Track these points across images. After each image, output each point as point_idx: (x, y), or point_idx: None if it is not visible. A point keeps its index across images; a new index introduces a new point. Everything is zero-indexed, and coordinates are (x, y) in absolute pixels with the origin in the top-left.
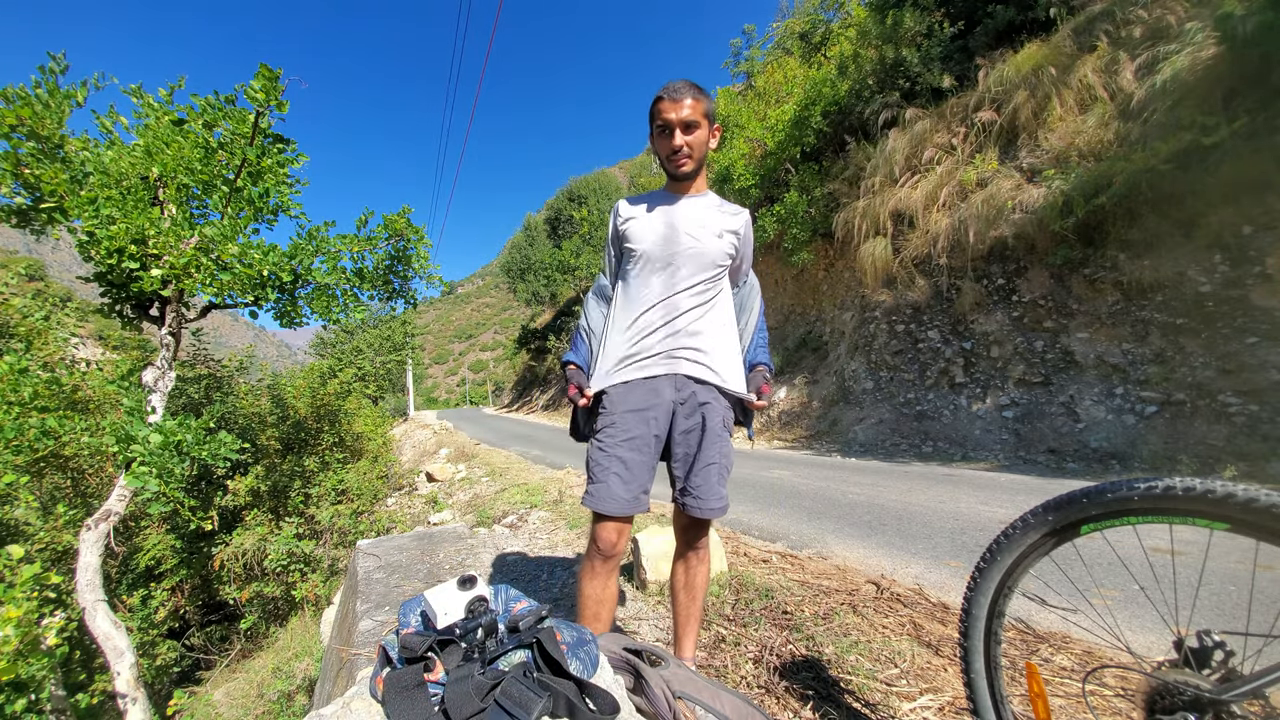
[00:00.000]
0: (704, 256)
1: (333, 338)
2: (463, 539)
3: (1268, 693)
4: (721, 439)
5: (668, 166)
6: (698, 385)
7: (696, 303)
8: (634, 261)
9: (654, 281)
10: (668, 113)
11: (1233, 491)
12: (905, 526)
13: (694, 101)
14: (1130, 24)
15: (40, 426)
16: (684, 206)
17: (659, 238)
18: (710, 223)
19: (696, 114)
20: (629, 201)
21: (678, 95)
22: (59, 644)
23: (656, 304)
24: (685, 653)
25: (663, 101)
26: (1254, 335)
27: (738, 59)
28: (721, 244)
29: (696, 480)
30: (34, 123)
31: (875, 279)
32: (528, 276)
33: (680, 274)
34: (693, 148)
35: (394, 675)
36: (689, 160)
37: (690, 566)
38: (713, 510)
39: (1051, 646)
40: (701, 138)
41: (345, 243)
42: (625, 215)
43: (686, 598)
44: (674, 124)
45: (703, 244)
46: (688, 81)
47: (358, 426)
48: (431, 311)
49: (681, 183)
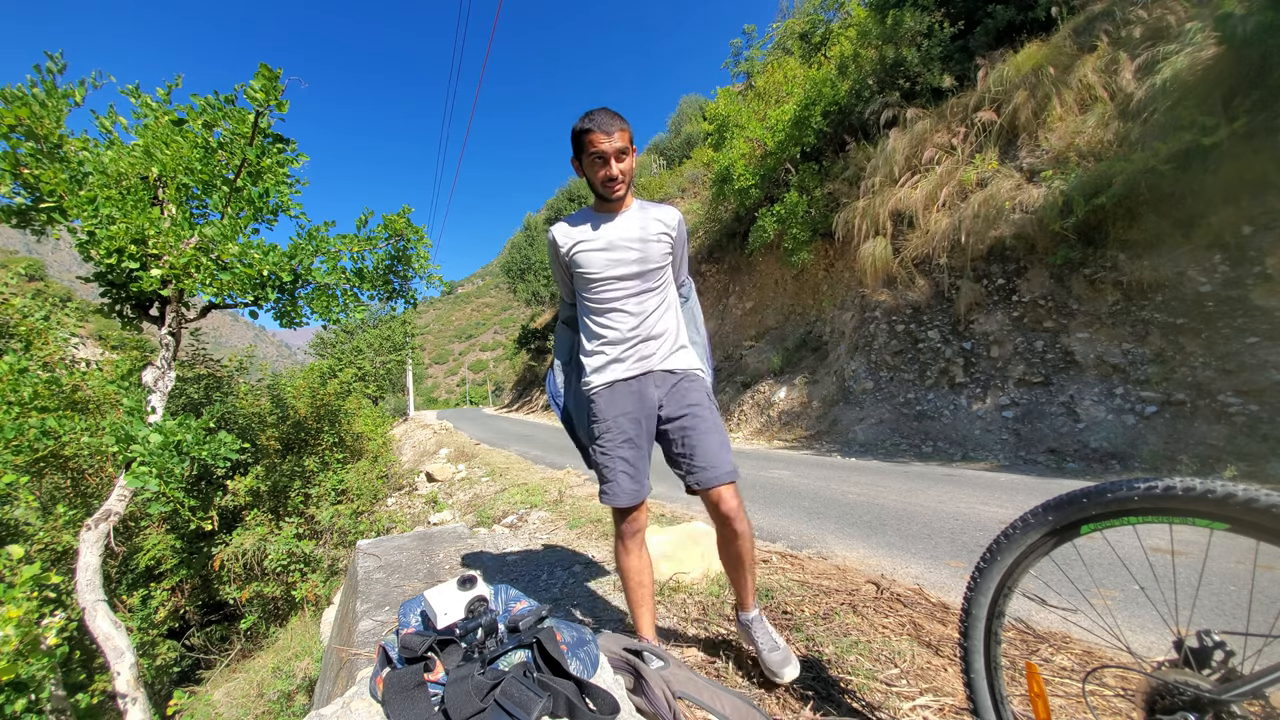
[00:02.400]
0: (648, 261)
1: (333, 338)
2: (463, 539)
3: (1268, 693)
4: (710, 410)
5: (602, 192)
6: (673, 375)
7: (654, 305)
8: (589, 283)
9: (611, 294)
10: (600, 144)
11: (1233, 491)
12: (905, 526)
13: (621, 131)
14: (1130, 24)
15: (40, 426)
16: (621, 223)
17: (607, 259)
18: (646, 229)
19: (624, 141)
20: (566, 228)
21: (608, 127)
22: (59, 644)
23: (619, 312)
24: (746, 603)
25: (594, 133)
26: (1254, 335)
27: (738, 59)
28: (660, 246)
29: (699, 454)
30: (32, 122)
31: (875, 279)
32: (528, 276)
33: (632, 283)
34: (625, 174)
35: (394, 675)
36: (622, 186)
37: (727, 541)
38: (726, 474)
39: (1051, 646)
40: (630, 164)
41: (345, 243)
42: (565, 244)
43: (734, 572)
44: (609, 154)
45: (644, 251)
46: (608, 110)
47: (358, 426)
48: (431, 311)
49: (614, 203)
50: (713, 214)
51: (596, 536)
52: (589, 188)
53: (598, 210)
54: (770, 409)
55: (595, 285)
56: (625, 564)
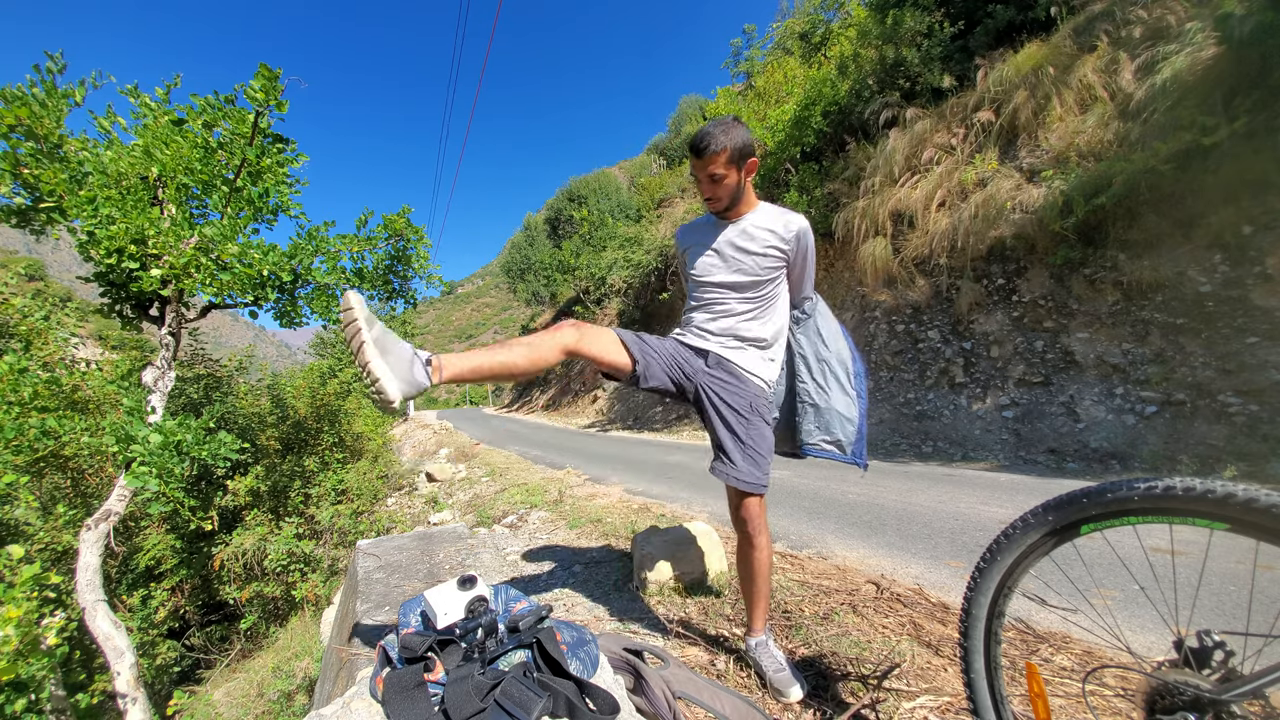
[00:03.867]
0: (747, 272)
1: (333, 338)
2: (463, 539)
3: (1268, 693)
4: (741, 417)
5: (707, 207)
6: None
7: (745, 308)
8: (693, 284)
9: (709, 297)
10: (696, 169)
11: (1233, 491)
12: (905, 526)
13: (718, 154)
14: (1130, 24)
15: (40, 426)
16: (731, 232)
17: (707, 263)
18: (752, 240)
19: (719, 166)
20: (684, 229)
21: (702, 153)
22: (59, 644)
23: (717, 317)
24: (755, 626)
25: (692, 159)
26: (1254, 335)
27: (738, 59)
28: (764, 259)
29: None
30: (32, 122)
31: (875, 279)
32: (528, 276)
33: (728, 292)
34: (721, 195)
35: (394, 675)
36: (719, 202)
37: (741, 550)
38: (738, 479)
39: (1051, 646)
40: (730, 184)
41: (345, 243)
42: (682, 245)
43: (744, 579)
44: (702, 179)
45: (743, 261)
46: (719, 127)
47: (357, 426)
48: (431, 311)
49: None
50: None
51: (596, 536)
52: None
53: (715, 213)
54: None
55: (696, 287)
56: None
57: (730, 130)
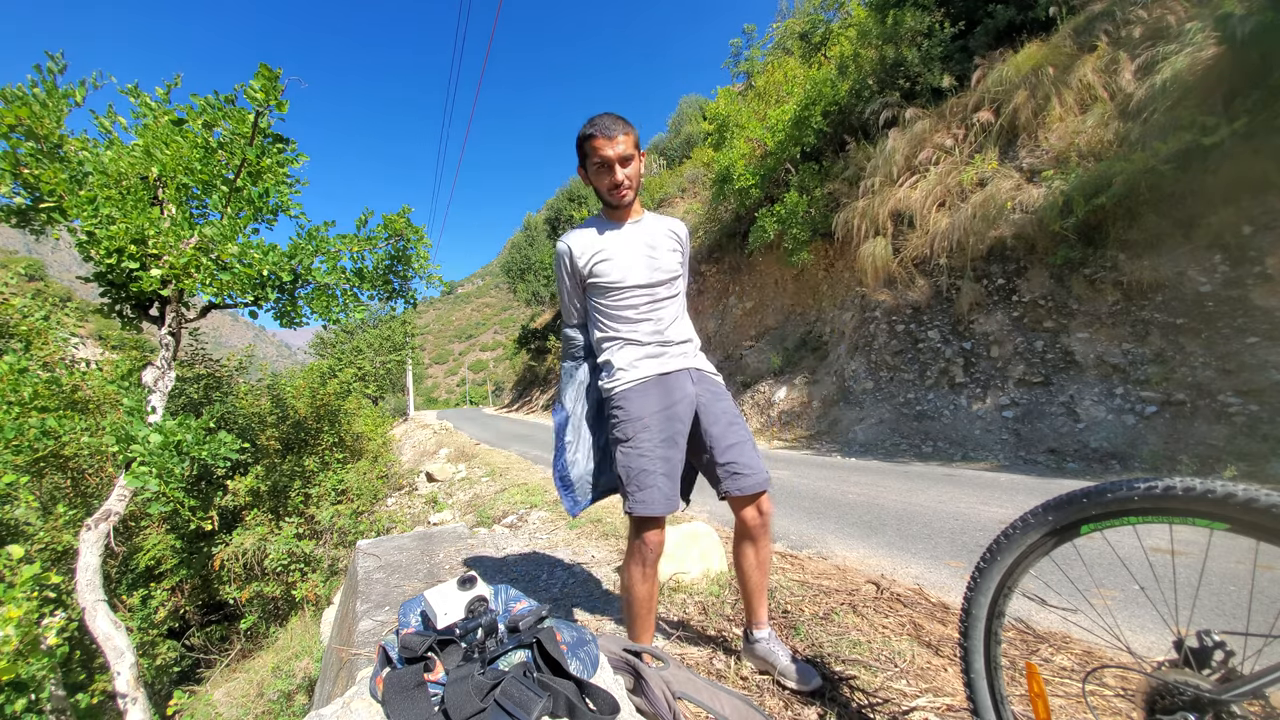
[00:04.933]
0: (664, 270)
1: (333, 338)
2: (463, 539)
3: (1268, 693)
4: (740, 418)
5: (609, 199)
6: (707, 376)
7: (675, 313)
8: (609, 292)
9: (635, 302)
10: (604, 150)
11: (1233, 491)
12: (905, 526)
13: (625, 135)
14: (1130, 24)
15: (40, 426)
16: (635, 232)
17: (627, 266)
18: (660, 238)
19: (629, 147)
20: (579, 238)
21: (610, 132)
22: (59, 644)
23: (644, 320)
24: (763, 619)
25: (596, 139)
26: (1254, 335)
27: (738, 59)
28: (674, 255)
29: (737, 459)
30: (33, 122)
31: (875, 279)
32: (528, 276)
33: (657, 291)
34: (631, 179)
35: (394, 675)
36: (629, 191)
37: (760, 545)
38: (764, 480)
39: (1051, 646)
40: (636, 168)
41: (345, 243)
42: (583, 254)
43: (760, 575)
44: (612, 160)
45: (661, 260)
46: (614, 115)
47: (358, 426)
48: (431, 311)
49: (622, 210)
50: (713, 214)
51: (596, 536)
52: (597, 196)
53: (608, 218)
54: (770, 409)
55: (614, 293)
56: (638, 591)
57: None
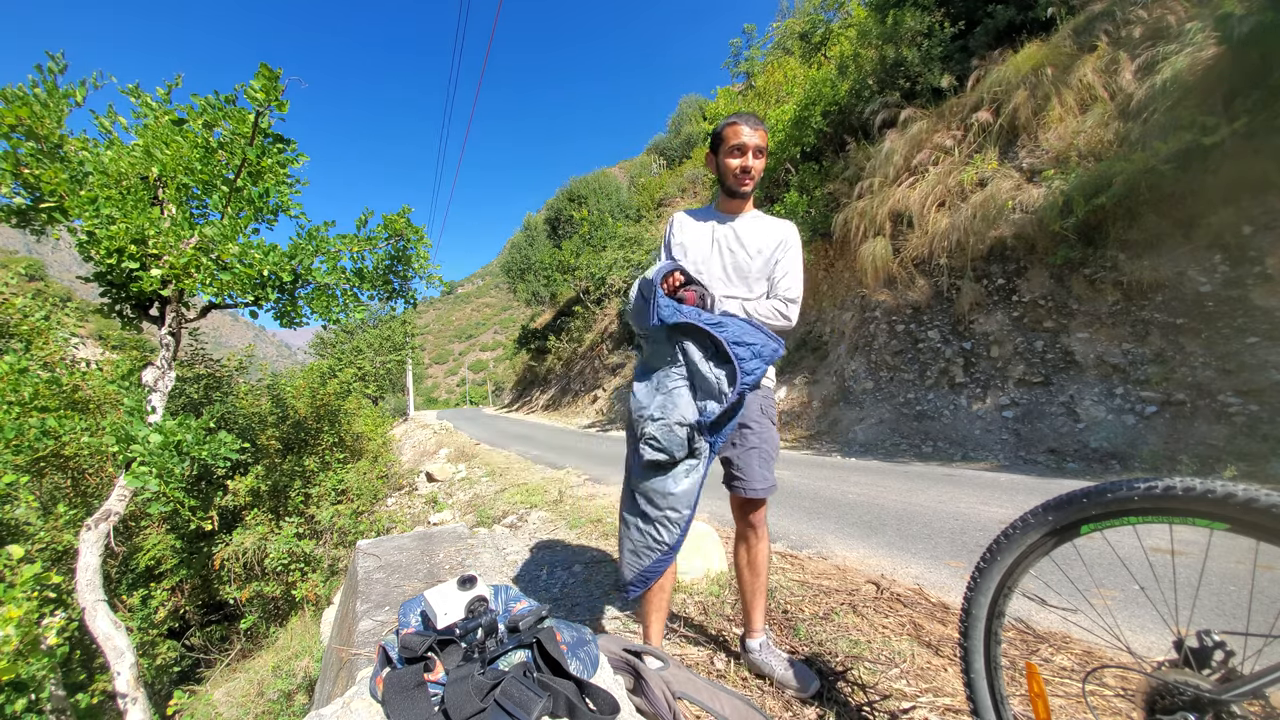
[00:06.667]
0: (752, 272)
1: (333, 338)
2: (463, 539)
3: (1268, 693)
4: (761, 424)
5: (731, 183)
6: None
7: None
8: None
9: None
10: (743, 136)
11: (1233, 491)
12: (905, 526)
13: (763, 133)
14: (1130, 24)
15: (40, 426)
16: (727, 229)
17: (701, 259)
18: (751, 241)
19: (763, 142)
20: (683, 215)
21: (756, 124)
22: (59, 644)
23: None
24: (756, 626)
25: (740, 125)
26: (1254, 335)
27: (738, 59)
28: (765, 258)
29: (741, 464)
30: (33, 122)
31: (875, 279)
32: (528, 276)
33: (731, 288)
34: (756, 171)
35: (394, 675)
36: (752, 181)
37: (750, 546)
38: (755, 490)
39: (1051, 646)
40: (763, 164)
41: (345, 243)
42: (679, 230)
43: (750, 575)
44: (749, 147)
45: (739, 260)
46: (756, 115)
47: (358, 426)
48: (431, 311)
49: (736, 200)
50: None
51: (596, 536)
52: (719, 181)
53: (718, 208)
54: None
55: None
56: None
57: None
